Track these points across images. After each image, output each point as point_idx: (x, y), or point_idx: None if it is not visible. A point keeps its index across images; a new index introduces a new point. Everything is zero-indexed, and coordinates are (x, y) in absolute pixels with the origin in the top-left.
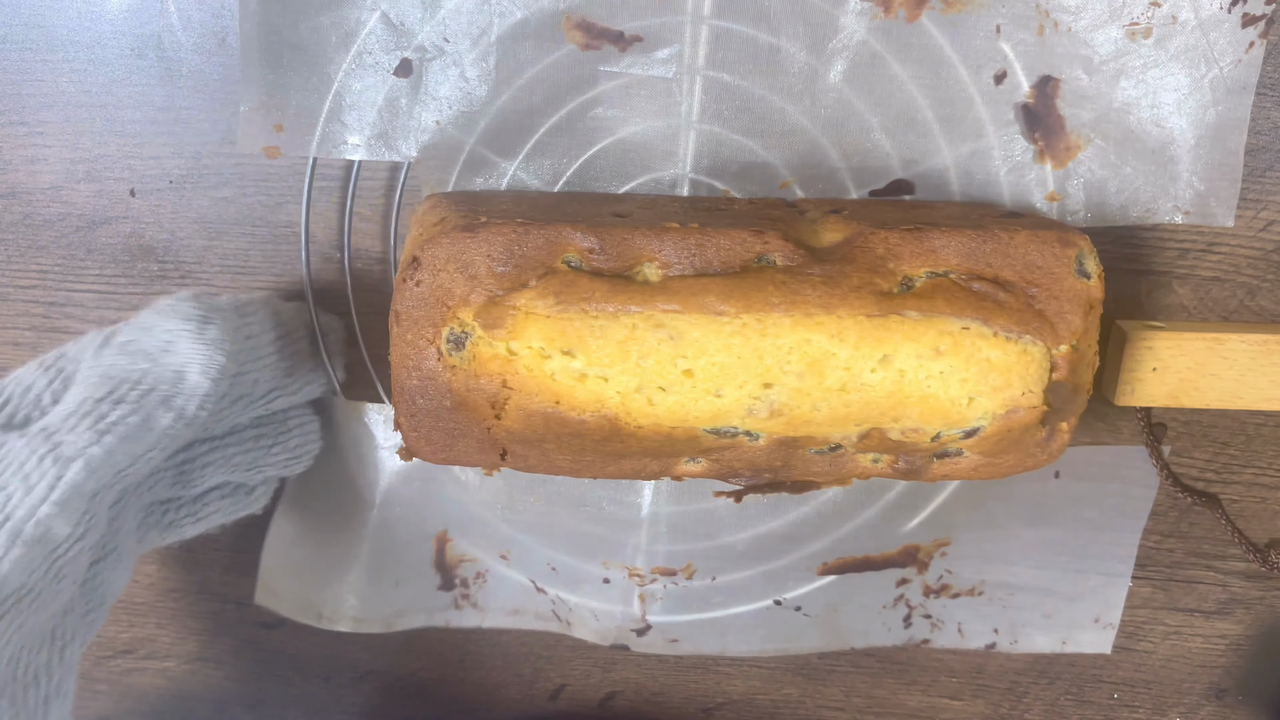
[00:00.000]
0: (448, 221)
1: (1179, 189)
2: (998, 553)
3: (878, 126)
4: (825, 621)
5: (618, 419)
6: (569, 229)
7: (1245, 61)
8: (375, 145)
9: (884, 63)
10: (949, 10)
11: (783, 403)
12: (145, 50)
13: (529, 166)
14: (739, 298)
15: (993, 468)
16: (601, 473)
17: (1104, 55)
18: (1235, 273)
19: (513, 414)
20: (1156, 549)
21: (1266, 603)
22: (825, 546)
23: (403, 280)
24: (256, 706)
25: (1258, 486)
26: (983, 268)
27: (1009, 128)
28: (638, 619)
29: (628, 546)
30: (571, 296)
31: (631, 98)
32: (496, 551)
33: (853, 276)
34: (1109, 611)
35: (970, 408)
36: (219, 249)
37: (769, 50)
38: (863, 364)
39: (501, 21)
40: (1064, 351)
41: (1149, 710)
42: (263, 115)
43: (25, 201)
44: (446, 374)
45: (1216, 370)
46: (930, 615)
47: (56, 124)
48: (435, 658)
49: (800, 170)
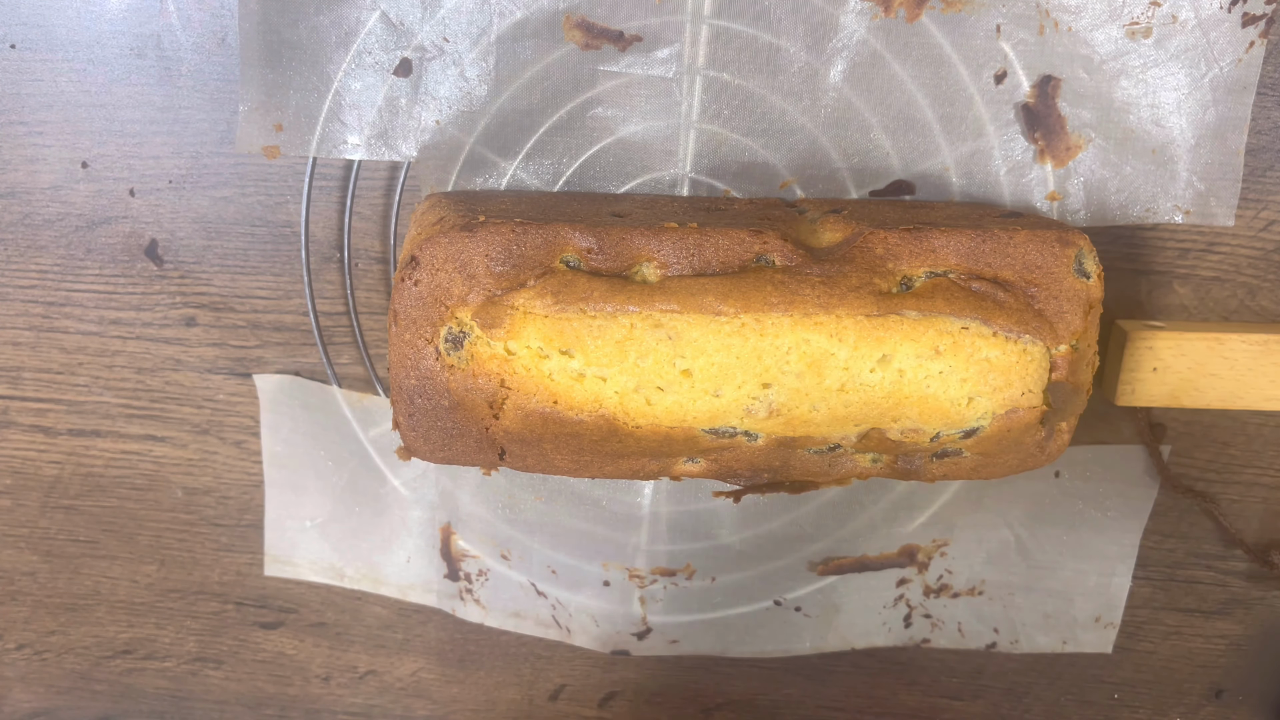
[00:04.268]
0: (446, 221)
1: (1179, 189)
2: (998, 553)
3: (878, 126)
4: (825, 621)
5: (616, 419)
6: (567, 229)
7: (1245, 61)
8: (375, 145)
9: (884, 62)
10: (949, 10)
11: (781, 403)
12: (145, 50)
13: (529, 166)
14: (738, 298)
15: (992, 468)
16: (600, 472)
17: (1104, 55)
18: (1236, 272)
19: (511, 414)
20: (1157, 549)
21: (1266, 603)
22: (825, 546)
23: (401, 280)
24: (256, 707)
25: (1258, 486)
26: (982, 268)
27: (1009, 127)
28: (638, 621)
29: (628, 546)
30: (570, 296)
31: (631, 97)
32: (497, 551)
33: (852, 276)
34: (1109, 611)
35: (970, 408)
36: (219, 249)
37: (769, 50)
38: (862, 364)
39: (501, 21)
40: (1063, 351)
41: (1149, 710)
42: (262, 115)
43: (25, 201)
44: (445, 373)
45: (1217, 370)
46: (930, 615)
47: (56, 124)
48: (435, 658)
49: (800, 170)
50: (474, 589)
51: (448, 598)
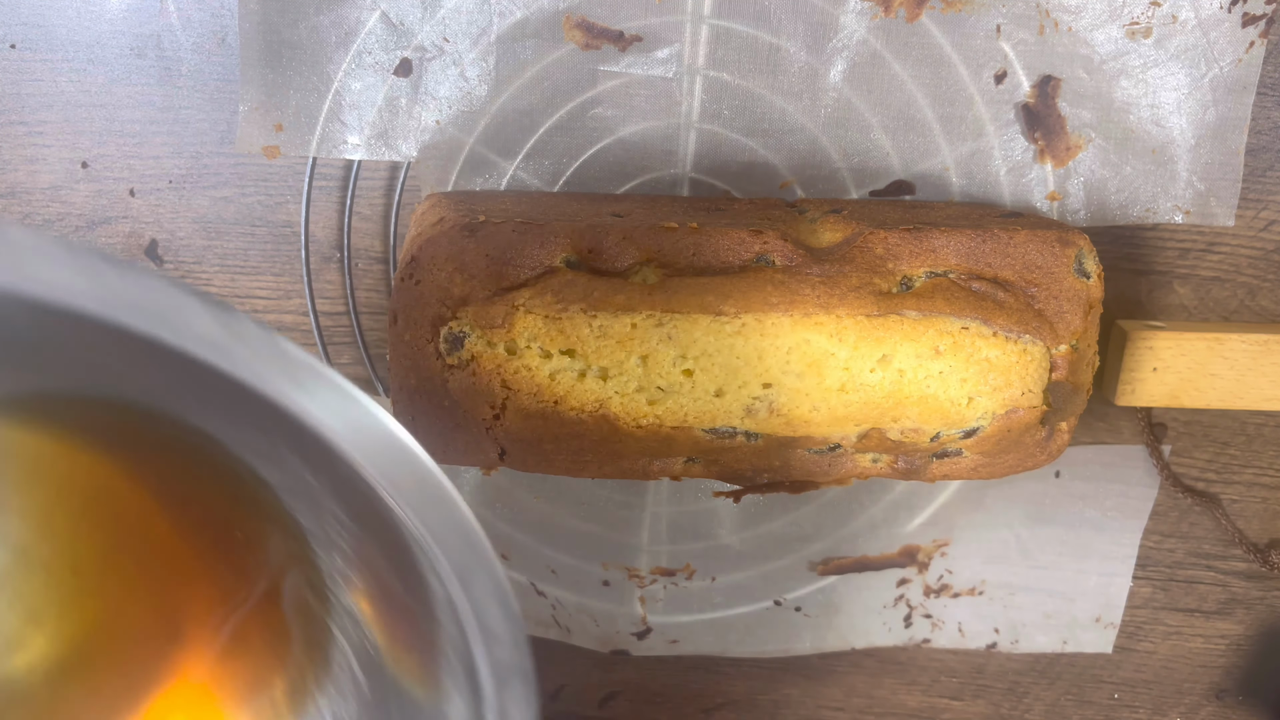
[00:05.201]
0: (447, 221)
1: (1179, 189)
2: (998, 553)
3: (878, 126)
4: (825, 621)
5: (616, 419)
6: (567, 228)
7: (1245, 61)
8: (375, 145)
9: (884, 62)
10: (949, 10)
11: (781, 403)
12: (145, 50)
13: (529, 166)
14: (738, 298)
15: (992, 468)
16: (600, 473)
17: (1104, 55)
18: (1236, 272)
19: (511, 414)
20: (1157, 549)
21: (1267, 603)
22: (825, 546)
23: (401, 280)
24: None
25: (1258, 486)
26: (982, 268)
27: (1009, 127)
28: (638, 621)
29: (628, 546)
30: (570, 296)
31: (631, 97)
32: (497, 551)
33: (852, 276)
34: (1110, 611)
35: (970, 408)
36: (219, 249)
37: (769, 50)
38: (862, 364)
39: (501, 21)
40: (1063, 351)
41: (1149, 710)
42: (262, 115)
43: (25, 201)
44: (445, 374)
45: (1217, 370)
46: (931, 615)
47: (56, 124)
48: None
49: (800, 170)
50: None
51: None
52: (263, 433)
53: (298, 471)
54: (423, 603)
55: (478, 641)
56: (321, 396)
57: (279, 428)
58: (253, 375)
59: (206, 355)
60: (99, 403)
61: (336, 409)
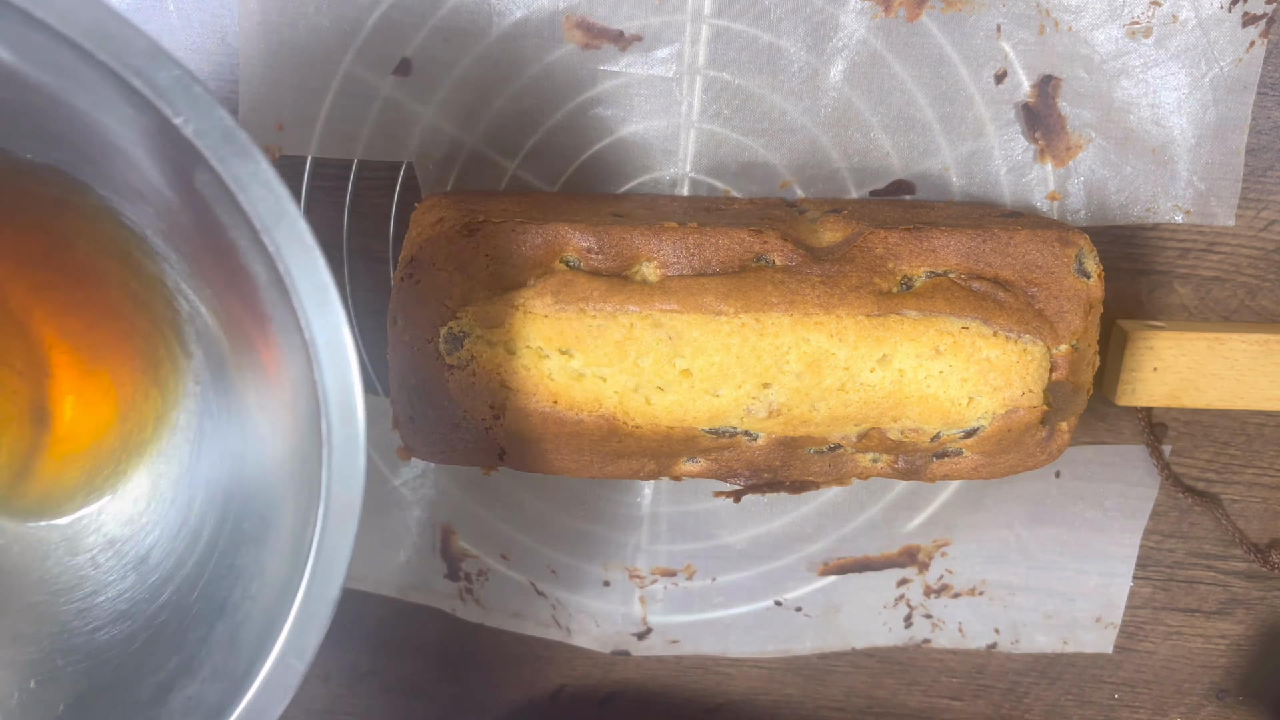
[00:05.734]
0: (446, 221)
1: (1179, 188)
2: (998, 553)
3: (878, 126)
4: (825, 621)
5: (615, 419)
6: (567, 228)
7: (1246, 61)
8: (375, 145)
9: (884, 62)
10: (949, 9)
11: (781, 402)
12: None
13: (529, 166)
14: (737, 297)
15: (993, 467)
16: (599, 473)
17: (1104, 54)
18: (1236, 272)
19: (510, 414)
20: (1157, 549)
21: (1267, 603)
22: (825, 546)
23: (401, 280)
24: None
25: (1258, 486)
26: (982, 267)
27: (1009, 127)
28: (638, 621)
29: (628, 546)
30: (569, 296)
31: (631, 97)
32: (497, 551)
33: (852, 276)
34: (1110, 611)
35: (970, 407)
36: None
37: (769, 49)
38: (862, 364)
39: (501, 21)
40: (1064, 351)
41: (1150, 710)
42: (262, 115)
43: None
44: (444, 374)
45: (1217, 370)
46: (931, 615)
47: None
48: (435, 658)
49: (800, 170)
50: (474, 589)
51: (447, 598)
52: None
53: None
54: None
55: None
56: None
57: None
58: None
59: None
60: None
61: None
